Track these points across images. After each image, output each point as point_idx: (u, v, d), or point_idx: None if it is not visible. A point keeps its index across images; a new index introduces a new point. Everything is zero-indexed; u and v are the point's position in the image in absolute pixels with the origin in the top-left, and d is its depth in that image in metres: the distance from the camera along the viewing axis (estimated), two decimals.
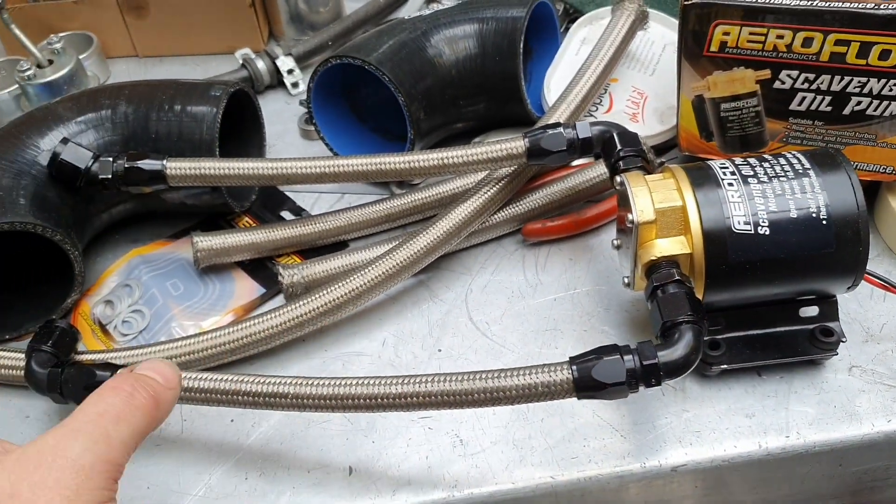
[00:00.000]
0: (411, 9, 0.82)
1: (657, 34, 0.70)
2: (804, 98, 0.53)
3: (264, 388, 0.45)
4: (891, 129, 0.52)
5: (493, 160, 0.54)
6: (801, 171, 0.45)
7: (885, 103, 0.51)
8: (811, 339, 0.48)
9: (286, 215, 0.64)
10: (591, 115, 0.66)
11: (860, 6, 0.48)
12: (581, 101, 0.60)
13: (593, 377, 0.40)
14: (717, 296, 0.46)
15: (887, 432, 0.46)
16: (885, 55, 0.49)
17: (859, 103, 0.52)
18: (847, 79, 0.51)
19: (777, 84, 0.53)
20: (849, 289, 0.47)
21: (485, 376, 0.42)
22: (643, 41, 0.70)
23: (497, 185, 0.56)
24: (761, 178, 0.45)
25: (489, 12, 0.65)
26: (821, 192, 0.44)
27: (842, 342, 0.48)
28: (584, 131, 0.53)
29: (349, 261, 0.56)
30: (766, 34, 0.51)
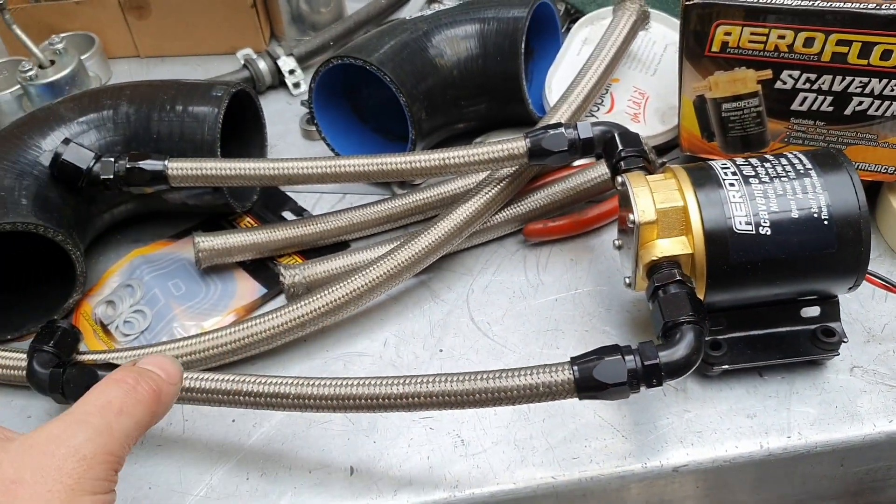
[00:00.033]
0: (413, 9, 0.82)
1: (658, 34, 0.70)
2: (805, 98, 0.53)
3: (266, 388, 0.45)
4: (892, 129, 0.52)
5: (494, 160, 0.54)
6: (802, 172, 0.45)
7: (887, 103, 0.51)
8: (813, 340, 0.48)
9: (288, 215, 0.64)
10: (593, 116, 0.66)
11: (862, 6, 0.48)
12: (582, 101, 0.60)
13: (595, 377, 0.40)
14: (719, 296, 0.46)
15: (889, 433, 0.46)
16: (886, 55, 0.49)
17: (861, 103, 0.52)
18: (848, 79, 0.51)
19: (778, 84, 0.53)
20: (850, 289, 0.47)
21: (486, 377, 0.42)
22: (644, 41, 0.70)
23: (498, 186, 0.56)
24: (763, 179, 0.45)
25: (490, 12, 0.65)
26: (822, 193, 0.44)
27: (843, 342, 0.48)
28: (586, 131, 0.53)
29: (350, 261, 0.56)
30: (768, 34, 0.51)
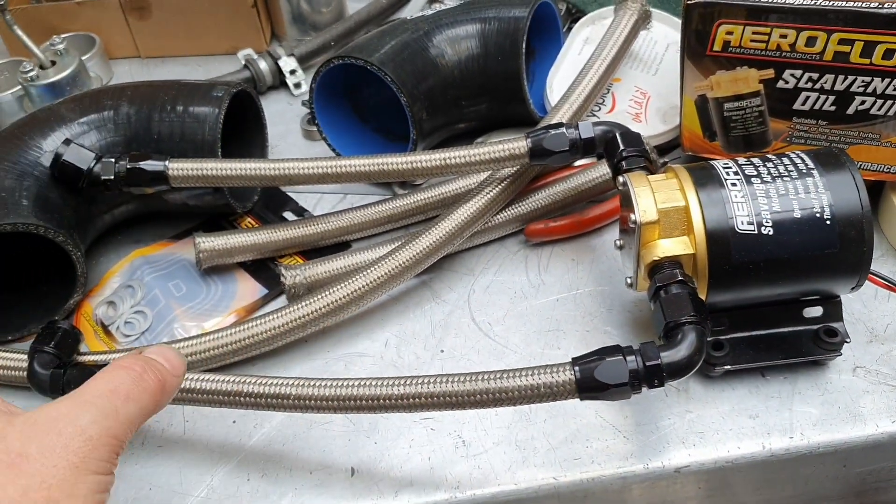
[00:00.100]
0: (413, 9, 0.82)
1: (660, 34, 0.70)
2: (808, 97, 0.53)
3: (266, 389, 0.45)
4: (894, 128, 0.52)
5: (495, 160, 0.53)
6: (804, 171, 0.45)
7: (889, 103, 0.51)
8: (815, 340, 0.48)
9: (288, 216, 0.64)
10: (594, 115, 0.65)
11: (864, 5, 0.48)
12: (584, 101, 0.60)
13: (596, 378, 0.40)
14: (721, 296, 0.46)
15: (891, 433, 0.46)
16: (888, 54, 0.49)
17: (863, 103, 0.51)
18: (851, 78, 0.51)
19: (780, 83, 0.53)
20: (853, 289, 0.47)
21: (487, 377, 0.41)
22: (646, 41, 0.70)
23: (500, 186, 0.56)
24: (765, 178, 0.45)
25: (491, 12, 0.64)
26: (824, 192, 0.44)
27: (846, 343, 0.48)
28: (587, 131, 0.52)
29: (351, 261, 0.56)
30: (770, 33, 0.51)
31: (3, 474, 0.32)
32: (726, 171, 0.46)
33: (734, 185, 0.45)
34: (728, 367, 0.48)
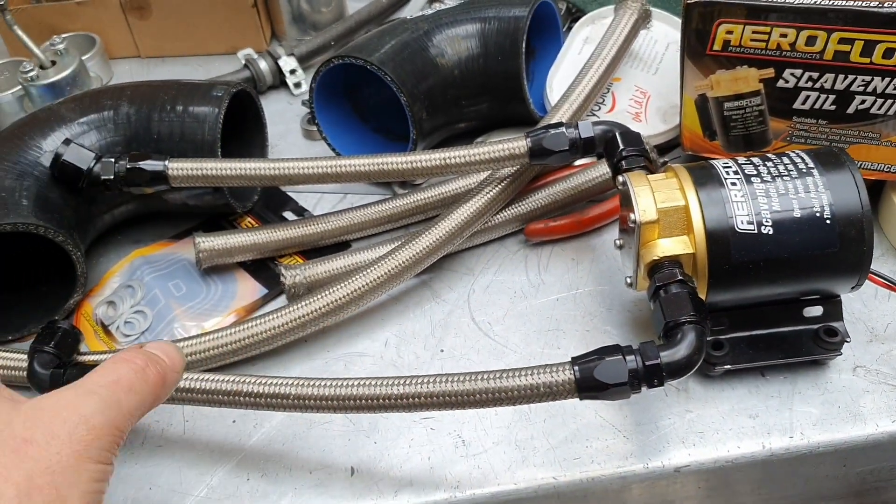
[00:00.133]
0: (414, 8, 0.82)
1: (660, 33, 0.70)
2: (808, 97, 0.53)
3: (266, 388, 0.45)
4: (895, 127, 0.52)
5: (495, 160, 0.53)
6: (804, 171, 0.45)
7: (889, 102, 0.51)
8: (815, 340, 0.48)
9: (288, 216, 0.64)
10: (594, 115, 0.65)
11: (864, 4, 0.48)
12: (583, 100, 0.60)
13: (595, 378, 0.40)
14: (721, 296, 0.46)
15: (892, 433, 0.46)
16: (889, 53, 0.49)
17: (863, 102, 0.51)
18: (851, 77, 0.51)
19: (780, 83, 0.53)
20: (853, 288, 0.46)
21: (486, 377, 0.41)
22: (646, 40, 0.70)
23: (499, 185, 0.56)
24: (764, 178, 0.45)
25: (491, 12, 0.64)
26: (824, 192, 0.44)
27: (846, 342, 0.48)
28: (587, 131, 0.52)
29: (351, 261, 0.56)
30: (770, 33, 0.51)
31: (9, 458, 0.32)
32: (726, 170, 0.46)
33: (734, 184, 0.45)
34: (728, 366, 0.48)
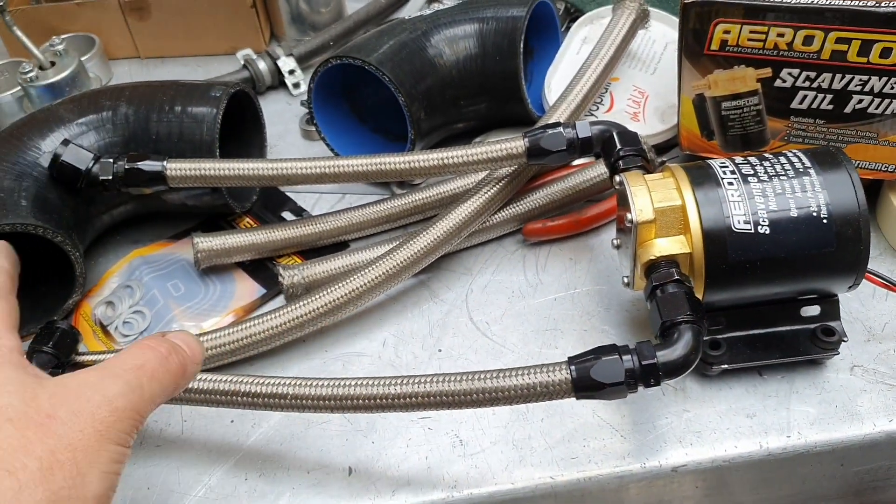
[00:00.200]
0: (412, 9, 0.82)
1: (658, 33, 0.70)
2: (805, 96, 0.53)
3: (264, 388, 0.45)
4: (892, 127, 0.52)
5: (493, 160, 0.53)
6: (801, 170, 0.45)
7: (887, 101, 0.51)
8: (812, 339, 0.48)
9: (287, 216, 0.64)
10: (592, 115, 0.65)
11: (861, 4, 0.48)
12: (581, 100, 0.60)
13: (592, 377, 0.40)
14: (718, 295, 0.46)
15: (889, 432, 0.46)
16: (886, 53, 0.49)
17: (860, 101, 0.51)
18: (848, 77, 0.51)
19: (778, 82, 0.53)
20: (850, 288, 0.46)
21: (483, 377, 0.41)
22: (644, 40, 0.70)
23: (497, 185, 0.56)
24: (761, 177, 0.45)
25: (489, 12, 0.64)
26: (821, 191, 0.44)
27: (843, 342, 0.48)
28: (584, 131, 0.52)
29: (350, 261, 0.56)
30: (767, 32, 0.51)
31: (32, 432, 0.33)
32: (723, 170, 0.46)
33: (731, 184, 0.45)
34: (725, 366, 0.48)
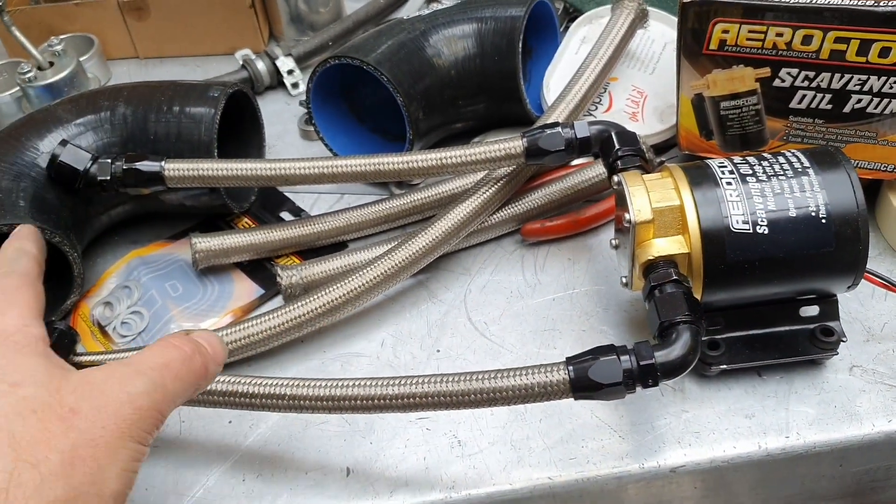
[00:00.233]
0: (411, 9, 0.82)
1: (657, 32, 0.70)
2: (804, 96, 0.53)
3: (262, 389, 0.45)
4: (891, 126, 0.52)
5: (491, 160, 0.53)
6: (800, 170, 0.45)
7: (886, 101, 0.51)
8: (811, 339, 0.48)
9: (286, 216, 0.64)
10: (591, 115, 0.65)
11: (859, 3, 0.48)
12: (580, 100, 0.60)
13: (590, 378, 0.40)
14: (716, 295, 0.46)
15: (888, 432, 0.46)
16: (884, 52, 0.49)
17: (859, 101, 0.51)
18: (847, 76, 0.51)
19: (777, 82, 0.53)
20: (849, 288, 0.46)
21: (481, 377, 0.41)
22: (643, 40, 0.70)
23: (496, 185, 0.56)
24: (760, 177, 0.45)
25: (488, 12, 0.64)
26: (820, 191, 0.44)
27: (842, 342, 0.48)
28: (583, 131, 0.52)
29: (348, 261, 0.56)
30: (766, 32, 0.51)
31: (56, 426, 0.33)
32: (721, 170, 0.46)
33: (729, 183, 0.45)
34: (724, 366, 0.48)
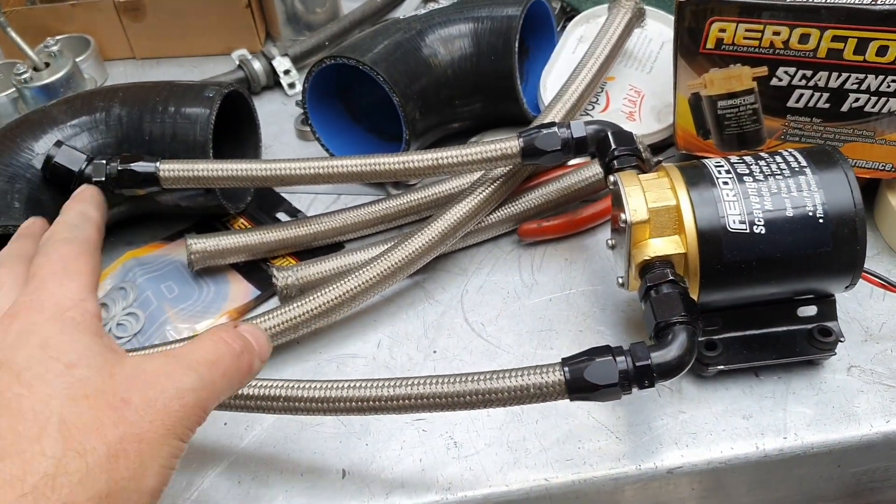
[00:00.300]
0: (408, 9, 0.82)
1: (654, 32, 0.70)
2: (802, 95, 0.53)
3: (257, 391, 0.44)
4: (889, 125, 0.52)
5: (488, 160, 0.53)
6: (797, 170, 0.45)
7: (884, 100, 0.50)
8: (809, 339, 0.48)
9: (282, 217, 0.64)
10: (588, 114, 0.65)
11: (857, 2, 0.48)
12: (577, 99, 0.60)
13: (585, 378, 0.40)
14: (713, 296, 0.46)
15: (886, 433, 0.46)
16: (882, 51, 0.49)
17: (857, 100, 0.51)
18: (845, 75, 0.50)
19: (774, 81, 0.53)
20: (847, 288, 0.46)
21: (477, 378, 0.41)
22: (640, 39, 0.69)
23: (492, 186, 0.56)
24: (757, 177, 0.45)
25: (484, 11, 0.64)
26: (817, 191, 0.44)
27: (840, 342, 0.47)
28: (579, 131, 0.52)
29: (344, 262, 0.56)
30: (763, 31, 0.51)
31: (107, 415, 0.32)
32: (718, 169, 0.46)
33: (726, 183, 0.45)
34: (721, 366, 0.47)
